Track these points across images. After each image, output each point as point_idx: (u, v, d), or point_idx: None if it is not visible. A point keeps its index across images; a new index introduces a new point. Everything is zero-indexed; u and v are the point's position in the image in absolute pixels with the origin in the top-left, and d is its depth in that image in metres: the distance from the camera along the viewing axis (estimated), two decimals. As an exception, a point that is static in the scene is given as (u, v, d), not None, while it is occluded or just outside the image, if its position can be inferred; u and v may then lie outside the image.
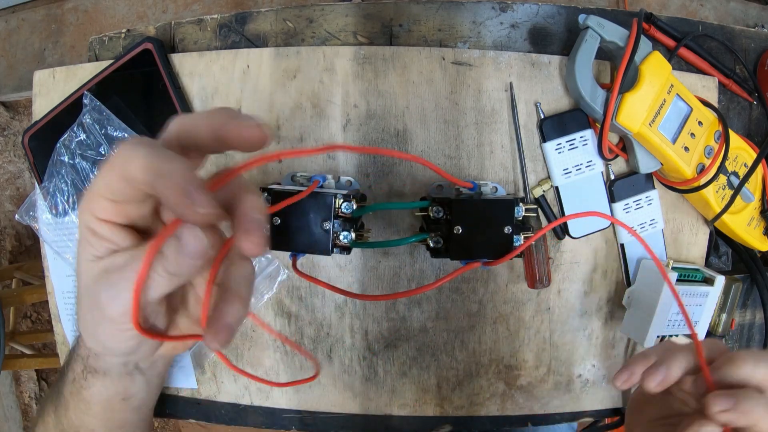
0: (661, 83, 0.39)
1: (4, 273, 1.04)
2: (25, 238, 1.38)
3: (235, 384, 0.48)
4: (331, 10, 0.45)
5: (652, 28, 0.45)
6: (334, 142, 0.44)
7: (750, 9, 1.22)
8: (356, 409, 0.47)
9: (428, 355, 0.46)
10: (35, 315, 1.38)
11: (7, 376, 1.35)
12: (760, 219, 0.45)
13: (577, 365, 0.47)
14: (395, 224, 0.44)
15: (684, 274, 0.44)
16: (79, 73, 0.48)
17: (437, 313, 0.45)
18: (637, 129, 0.39)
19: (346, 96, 0.44)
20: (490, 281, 0.45)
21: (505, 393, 0.47)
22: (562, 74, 0.43)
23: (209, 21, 0.46)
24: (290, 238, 0.36)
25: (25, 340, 1.04)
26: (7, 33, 1.36)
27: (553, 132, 0.43)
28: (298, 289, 0.46)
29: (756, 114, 0.48)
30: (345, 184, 0.44)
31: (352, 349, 0.46)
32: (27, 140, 0.49)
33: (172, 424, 1.37)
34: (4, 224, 1.36)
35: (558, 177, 0.43)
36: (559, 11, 0.44)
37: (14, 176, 1.37)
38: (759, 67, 0.47)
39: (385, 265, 0.45)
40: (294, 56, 0.44)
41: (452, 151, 0.44)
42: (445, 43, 0.44)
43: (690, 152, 0.41)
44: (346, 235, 0.35)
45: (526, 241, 0.39)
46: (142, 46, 0.45)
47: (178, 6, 1.32)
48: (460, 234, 0.35)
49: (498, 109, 0.44)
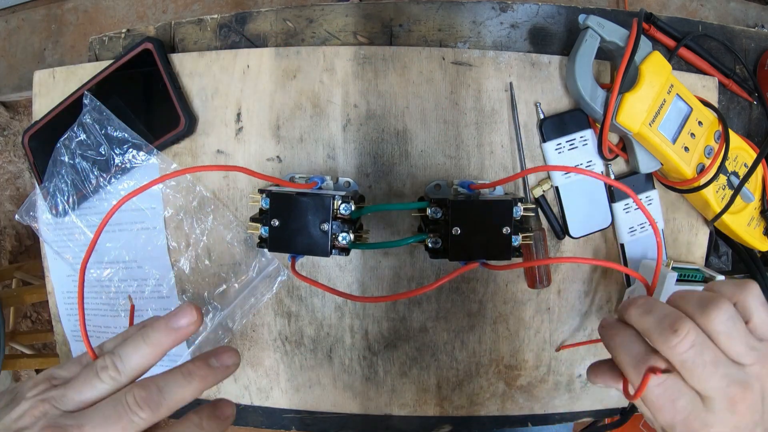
0: (661, 83, 0.39)
1: (4, 273, 1.04)
2: (25, 238, 1.38)
3: (235, 384, 0.48)
4: (331, 10, 0.45)
5: (652, 28, 0.45)
6: (335, 144, 0.44)
7: (750, 9, 1.22)
8: (356, 409, 0.47)
9: (428, 355, 0.46)
10: (35, 315, 1.38)
11: (7, 376, 1.35)
12: (760, 219, 0.45)
13: (577, 365, 0.47)
14: (394, 225, 0.44)
15: (684, 274, 0.44)
16: (79, 73, 0.48)
17: (437, 313, 0.45)
18: (637, 129, 0.39)
19: (346, 96, 0.44)
20: (490, 281, 0.45)
21: (505, 393, 0.47)
22: (562, 74, 0.43)
23: (209, 21, 0.46)
24: (289, 239, 0.36)
25: (25, 340, 1.04)
26: (7, 33, 1.36)
27: (553, 132, 0.43)
28: (298, 289, 0.46)
29: (756, 114, 0.48)
30: (343, 185, 0.43)
31: (352, 349, 0.46)
32: (27, 140, 0.49)
33: (173, 424, 1.37)
34: (4, 224, 1.36)
35: (558, 177, 0.43)
36: (559, 11, 0.44)
37: (14, 176, 1.37)
38: (759, 67, 0.47)
39: (385, 266, 0.45)
40: (294, 56, 0.44)
41: (452, 151, 0.44)
42: (445, 43, 0.44)
43: (690, 152, 0.41)
44: (344, 236, 0.35)
45: (524, 248, 0.39)
46: (142, 46, 0.45)
47: (178, 6, 1.32)
48: (458, 235, 0.35)
49: (498, 109, 0.44)
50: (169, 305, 0.47)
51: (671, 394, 0.28)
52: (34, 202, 0.49)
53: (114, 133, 0.45)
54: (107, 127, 0.45)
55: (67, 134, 0.46)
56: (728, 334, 0.28)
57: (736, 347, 0.28)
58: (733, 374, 0.28)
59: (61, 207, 0.47)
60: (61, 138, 0.46)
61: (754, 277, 0.47)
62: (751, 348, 0.28)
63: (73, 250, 0.48)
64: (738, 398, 0.28)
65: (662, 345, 0.28)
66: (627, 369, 0.30)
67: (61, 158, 0.46)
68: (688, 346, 0.27)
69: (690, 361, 0.27)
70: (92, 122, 0.45)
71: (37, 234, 0.49)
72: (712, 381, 0.27)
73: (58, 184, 0.47)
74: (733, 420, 0.28)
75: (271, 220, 0.36)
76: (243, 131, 0.45)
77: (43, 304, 1.29)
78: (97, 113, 0.45)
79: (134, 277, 0.47)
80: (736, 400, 0.28)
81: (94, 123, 0.45)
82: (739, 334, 0.28)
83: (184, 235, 0.46)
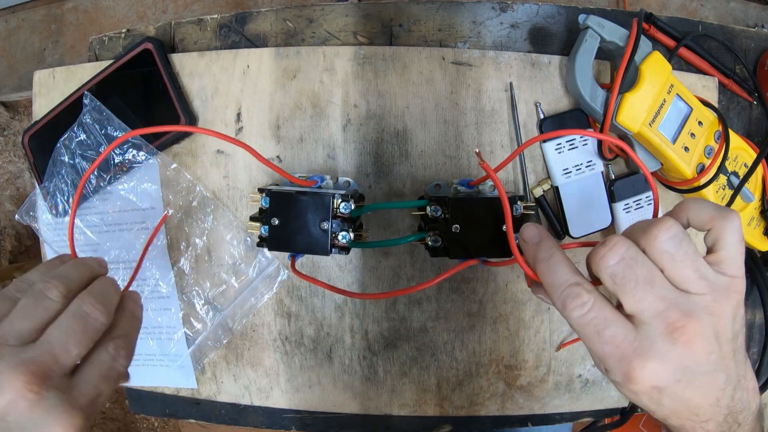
0: (661, 83, 0.39)
1: (4, 273, 1.04)
2: (25, 238, 1.38)
3: (235, 384, 0.48)
4: (331, 10, 0.45)
5: (652, 28, 0.45)
6: (335, 144, 0.44)
7: (750, 9, 1.22)
8: (356, 409, 0.47)
9: (428, 355, 0.46)
10: (35, 315, 1.38)
11: (7, 376, 1.35)
12: (760, 219, 0.45)
13: (577, 365, 0.47)
14: (394, 224, 0.44)
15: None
16: (79, 73, 0.48)
17: (437, 313, 0.45)
18: (637, 129, 0.39)
19: (346, 96, 0.44)
20: (490, 281, 0.45)
21: (505, 393, 0.47)
22: (562, 74, 0.43)
23: (209, 21, 0.46)
24: (289, 238, 0.36)
25: (25, 340, 1.04)
26: (7, 33, 1.36)
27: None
28: (298, 289, 0.46)
29: (756, 114, 0.48)
30: (343, 184, 0.44)
31: (352, 349, 0.46)
32: (27, 140, 0.49)
33: (172, 424, 1.37)
34: (4, 224, 1.36)
35: (558, 177, 0.43)
36: (559, 11, 0.44)
37: (14, 176, 1.37)
38: (759, 67, 0.47)
39: (385, 265, 0.45)
40: (294, 56, 0.44)
41: (452, 151, 0.44)
42: (445, 43, 0.44)
43: (690, 152, 0.41)
44: (344, 235, 0.35)
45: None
46: (142, 46, 0.45)
47: (178, 6, 1.32)
48: (458, 233, 0.35)
49: (498, 109, 0.44)
50: (169, 305, 0.47)
51: (598, 322, 0.25)
52: (34, 202, 0.49)
53: (114, 133, 0.45)
54: (107, 127, 0.45)
55: (67, 134, 0.46)
56: (672, 255, 0.25)
57: (681, 271, 0.25)
58: (674, 298, 0.25)
59: (61, 207, 0.47)
60: (61, 138, 0.46)
61: (754, 277, 0.47)
62: (702, 276, 0.25)
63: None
64: (678, 326, 0.24)
65: (592, 258, 0.26)
66: (553, 295, 0.27)
67: (61, 158, 0.46)
68: (617, 258, 0.25)
69: (620, 275, 0.25)
70: (92, 122, 0.45)
71: (37, 234, 0.49)
72: (646, 301, 0.24)
73: (58, 184, 0.47)
74: (678, 352, 0.24)
75: (270, 219, 0.36)
76: (243, 131, 0.45)
77: (43, 304, 1.28)
78: (97, 113, 0.45)
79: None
80: (677, 327, 0.24)
81: (94, 123, 0.45)
82: (686, 257, 0.25)
83: (185, 235, 0.46)
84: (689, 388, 0.25)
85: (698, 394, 0.25)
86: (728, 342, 0.25)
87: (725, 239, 0.26)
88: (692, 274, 0.25)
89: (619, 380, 0.25)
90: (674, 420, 0.26)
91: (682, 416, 0.26)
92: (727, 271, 0.26)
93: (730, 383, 0.25)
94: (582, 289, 0.26)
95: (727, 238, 0.26)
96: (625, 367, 0.25)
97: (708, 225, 0.26)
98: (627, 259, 0.25)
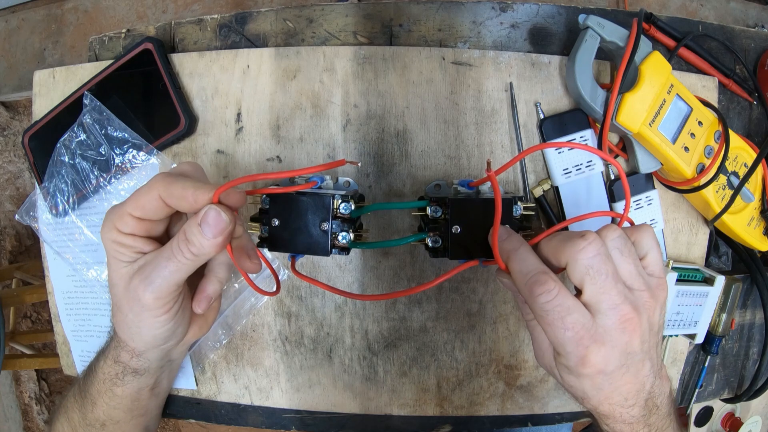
0: (661, 83, 0.39)
1: (4, 273, 1.04)
2: (25, 238, 1.38)
3: (235, 384, 0.48)
4: (331, 10, 0.45)
5: (652, 28, 0.45)
6: (335, 144, 0.44)
7: (750, 9, 1.22)
8: (356, 409, 0.47)
9: (428, 355, 0.46)
10: (35, 315, 1.38)
11: (7, 376, 1.35)
12: (760, 219, 0.45)
13: (577, 365, 0.47)
14: (394, 224, 0.44)
15: (684, 274, 0.44)
16: (79, 73, 0.48)
17: (437, 313, 0.45)
18: (637, 129, 0.39)
19: (346, 96, 0.44)
20: (490, 281, 0.45)
21: (505, 393, 0.47)
22: (562, 74, 0.43)
23: (209, 21, 0.46)
24: (289, 239, 0.36)
25: (25, 340, 1.04)
26: (7, 33, 1.36)
27: (553, 132, 0.43)
28: (298, 289, 0.46)
29: (756, 114, 0.48)
30: (343, 184, 0.44)
31: (352, 349, 0.46)
32: (27, 140, 0.49)
33: (172, 424, 1.37)
34: (4, 224, 1.36)
35: (558, 177, 0.43)
36: (559, 11, 0.44)
37: (14, 176, 1.37)
38: (759, 67, 0.47)
39: (385, 265, 0.45)
40: (294, 56, 0.44)
41: (452, 151, 0.44)
42: (445, 43, 0.44)
43: (690, 152, 0.41)
44: (344, 235, 0.35)
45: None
46: (142, 46, 0.45)
47: (178, 6, 1.32)
48: (458, 233, 0.35)
49: (498, 109, 0.44)
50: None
51: (561, 309, 0.28)
52: (34, 202, 0.49)
53: (114, 133, 0.45)
54: (107, 127, 0.45)
55: (67, 134, 0.46)
56: (620, 251, 0.29)
57: (626, 266, 0.29)
58: (627, 294, 0.28)
59: (61, 207, 0.47)
60: (61, 138, 0.46)
61: (753, 277, 0.47)
62: (640, 274, 0.29)
63: (73, 250, 0.48)
64: (628, 318, 0.28)
65: (570, 249, 0.28)
66: (521, 281, 0.29)
67: (61, 158, 0.46)
68: (594, 251, 0.28)
69: (594, 267, 0.28)
70: (92, 122, 0.45)
71: (37, 234, 0.49)
72: (610, 294, 0.27)
73: (58, 184, 0.47)
74: (623, 340, 0.28)
75: (271, 220, 0.36)
76: (243, 131, 0.45)
77: (43, 304, 1.29)
78: (97, 113, 0.45)
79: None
80: (627, 320, 0.28)
81: (94, 123, 0.45)
82: (630, 254, 0.29)
83: (184, 235, 0.46)
84: (627, 374, 0.29)
85: (630, 380, 0.29)
86: (655, 334, 0.29)
87: (646, 246, 0.30)
88: (634, 269, 0.29)
89: (572, 364, 0.29)
90: (605, 407, 0.29)
91: (614, 401, 0.29)
92: (655, 273, 0.30)
93: (653, 370, 0.30)
94: (548, 277, 0.28)
95: (648, 245, 0.30)
96: (582, 351, 0.28)
97: (631, 238, 0.30)
98: (602, 255, 0.28)
